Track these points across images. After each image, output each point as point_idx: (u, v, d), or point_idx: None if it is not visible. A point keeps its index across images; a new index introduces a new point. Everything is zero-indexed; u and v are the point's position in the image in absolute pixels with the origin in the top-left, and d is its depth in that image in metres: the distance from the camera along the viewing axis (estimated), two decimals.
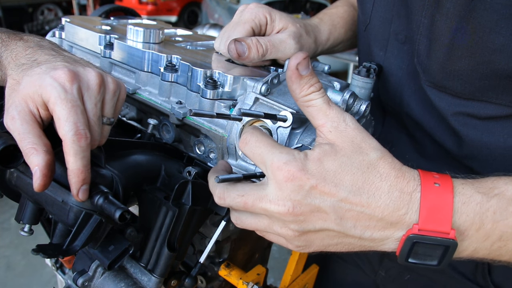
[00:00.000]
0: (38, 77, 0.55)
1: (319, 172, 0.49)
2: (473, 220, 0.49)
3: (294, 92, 0.54)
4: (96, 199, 0.56)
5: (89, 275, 0.67)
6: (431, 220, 0.49)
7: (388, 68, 0.79)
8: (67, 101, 0.53)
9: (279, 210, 0.50)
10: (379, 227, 0.50)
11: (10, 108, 0.55)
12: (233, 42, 0.70)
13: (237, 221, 0.57)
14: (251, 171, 0.64)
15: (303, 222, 0.51)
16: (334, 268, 1.15)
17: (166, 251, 0.65)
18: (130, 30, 0.80)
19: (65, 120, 0.53)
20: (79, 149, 0.53)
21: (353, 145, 0.51)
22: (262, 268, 0.89)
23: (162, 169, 0.70)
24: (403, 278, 0.99)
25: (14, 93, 0.56)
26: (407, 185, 0.50)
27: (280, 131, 0.60)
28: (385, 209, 0.49)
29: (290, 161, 0.49)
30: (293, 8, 6.52)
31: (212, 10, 7.14)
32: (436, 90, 0.69)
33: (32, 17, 7.63)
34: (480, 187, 0.51)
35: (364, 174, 0.50)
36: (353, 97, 0.63)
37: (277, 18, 0.79)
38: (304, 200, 0.49)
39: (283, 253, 2.79)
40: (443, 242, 0.49)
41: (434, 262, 0.51)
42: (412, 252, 0.50)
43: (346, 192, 0.49)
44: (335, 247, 0.54)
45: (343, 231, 0.51)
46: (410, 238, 0.49)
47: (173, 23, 7.63)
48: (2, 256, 2.71)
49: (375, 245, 0.53)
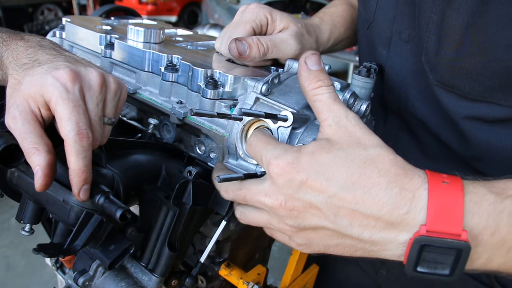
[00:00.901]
0: (39, 77, 0.55)
1: (311, 166, 0.48)
2: (487, 222, 0.45)
3: (303, 85, 0.55)
4: (97, 199, 0.57)
5: (89, 274, 0.67)
6: (440, 221, 0.45)
7: (391, 67, 0.78)
8: (69, 101, 0.53)
9: (273, 204, 0.50)
10: (378, 227, 0.47)
11: (11, 108, 0.55)
12: (234, 41, 0.71)
13: (241, 216, 0.58)
14: (252, 170, 0.64)
15: (297, 218, 0.50)
16: (335, 267, 1.15)
17: (166, 250, 0.65)
18: (131, 30, 0.80)
19: (67, 120, 0.53)
20: (80, 149, 0.53)
21: (350, 139, 0.50)
22: (262, 268, 0.89)
23: (162, 169, 0.70)
24: (406, 277, 0.98)
25: (16, 92, 0.56)
26: (409, 182, 0.47)
27: (280, 131, 0.61)
28: (382, 206, 0.46)
29: (281, 155, 0.49)
30: (293, 8, 6.52)
31: (212, 10, 7.13)
32: (443, 89, 0.68)
33: (32, 17, 7.62)
34: (493, 187, 0.47)
35: (359, 169, 0.47)
36: (353, 97, 0.63)
37: (278, 18, 0.79)
38: (296, 195, 0.49)
39: (283, 253, 2.79)
40: (454, 245, 0.44)
41: (446, 271, 0.46)
42: (421, 259, 0.46)
43: (338, 187, 0.47)
44: (336, 249, 0.52)
45: (339, 229, 0.49)
46: (418, 240, 0.45)
47: (173, 23, 7.62)
48: (2, 256, 2.71)
49: (378, 250, 0.49)
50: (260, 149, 0.53)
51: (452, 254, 0.45)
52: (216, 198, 0.69)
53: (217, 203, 0.70)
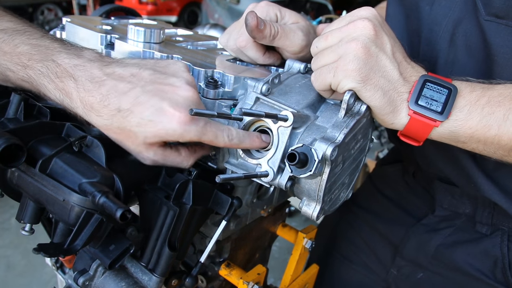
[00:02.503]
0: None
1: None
2: (466, 85, 0.62)
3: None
4: (97, 198, 0.57)
5: (89, 274, 0.67)
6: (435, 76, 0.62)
7: (433, 21, 0.78)
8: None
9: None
10: (406, 62, 0.64)
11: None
12: (253, 12, 0.70)
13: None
14: (252, 170, 0.64)
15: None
16: (338, 268, 1.15)
17: (166, 250, 0.65)
18: (131, 30, 0.80)
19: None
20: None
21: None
22: (262, 268, 0.89)
23: (163, 169, 0.70)
24: (416, 277, 0.98)
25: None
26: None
27: (281, 130, 0.61)
28: (405, 54, 0.65)
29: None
30: (293, 8, 6.46)
31: (212, 10, 7.13)
32: (495, 23, 0.68)
33: (32, 17, 7.62)
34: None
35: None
36: (353, 97, 0.63)
37: (287, 16, 0.80)
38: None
39: (283, 253, 2.79)
40: (447, 84, 0.61)
41: (438, 108, 0.60)
42: (422, 95, 0.61)
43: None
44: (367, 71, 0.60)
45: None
46: (423, 76, 0.62)
47: (173, 23, 7.62)
48: (2, 256, 2.71)
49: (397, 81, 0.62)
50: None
51: (444, 93, 0.61)
52: (216, 198, 0.69)
53: (217, 203, 0.70)
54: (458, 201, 0.90)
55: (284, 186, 0.62)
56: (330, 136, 0.60)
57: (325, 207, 0.65)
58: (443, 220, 0.94)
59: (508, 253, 0.83)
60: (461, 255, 0.89)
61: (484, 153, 0.64)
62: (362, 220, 1.13)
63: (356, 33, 0.60)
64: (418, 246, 0.97)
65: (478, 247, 0.87)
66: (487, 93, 0.61)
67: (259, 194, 0.86)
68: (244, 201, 0.79)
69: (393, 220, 1.05)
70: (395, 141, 0.99)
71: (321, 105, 0.69)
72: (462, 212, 0.90)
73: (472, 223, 0.89)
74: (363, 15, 0.62)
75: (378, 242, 1.08)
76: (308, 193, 0.63)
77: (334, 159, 0.58)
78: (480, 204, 0.86)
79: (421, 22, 0.80)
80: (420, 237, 0.97)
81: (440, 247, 0.92)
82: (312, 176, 0.59)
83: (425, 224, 0.97)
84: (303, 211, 0.64)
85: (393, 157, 1.16)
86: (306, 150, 0.57)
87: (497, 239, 0.85)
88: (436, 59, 0.77)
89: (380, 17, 0.63)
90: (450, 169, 0.85)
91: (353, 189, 0.77)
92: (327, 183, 0.61)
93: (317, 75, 0.64)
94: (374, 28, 0.60)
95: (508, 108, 0.59)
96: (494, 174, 0.78)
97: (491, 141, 0.61)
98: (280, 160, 0.61)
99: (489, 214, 0.86)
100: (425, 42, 0.79)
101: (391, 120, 0.64)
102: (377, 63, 0.60)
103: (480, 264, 0.86)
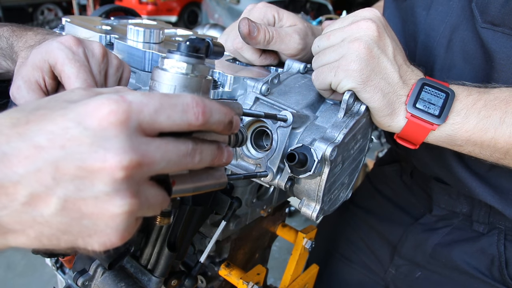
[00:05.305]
0: (44, 45, 0.56)
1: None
2: (463, 89, 0.63)
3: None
4: None
5: (89, 274, 0.67)
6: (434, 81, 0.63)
7: (429, 26, 0.78)
8: (75, 61, 0.54)
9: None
10: (406, 66, 0.64)
11: (16, 79, 0.56)
12: (246, 19, 0.70)
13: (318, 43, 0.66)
14: (251, 170, 0.64)
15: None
16: (338, 268, 1.15)
17: (166, 251, 0.65)
18: (131, 30, 0.80)
19: (76, 77, 0.53)
20: None
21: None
22: (262, 268, 0.89)
23: None
24: (414, 276, 0.99)
25: (22, 67, 0.57)
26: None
27: (280, 130, 0.61)
28: (405, 58, 0.65)
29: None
30: (293, 8, 6.51)
31: (212, 10, 7.13)
32: (492, 31, 0.68)
33: (32, 17, 7.63)
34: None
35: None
36: (353, 97, 0.63)
37: (285, 17, 0.80)
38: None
39: (283, 253, 2.79)
40: (445, 88, 0.62)
41: (436, 112, 0.61)
42: (420, 98, 0.61)
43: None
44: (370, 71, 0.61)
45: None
46: (421, 80, 0.63)
47: (173, 23, 7.63)
48: (2, 256, 2.71)
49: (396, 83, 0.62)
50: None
51: (441, 97, 0.61)
52: (215, 198, 0.69)
53: (217, 203, 0.70)
54: (455, 201, 0.90)
55: (284, 186, 0.62)
56: (330, 136, 0.60)
57: (325, 207, 0.65)
58: (440, 220, 0.95)
59: (505, 251, 0.84)
60: (459, 254, 0.89)
61: (481, 156, 0.64)
62: (360, 219, 1.13)
63: (359, 34, 0.60)
64: (416, 245, 0.97)
65: (475, 245, 0.87)
66: (483, 96, 0.62)
67: (258, 194, 0.86)
68: (243, 201, 0.79)
69: (391, 219, 1.06)
70: (392, 143, 0.99)
71: (320, 105, 0.69)
72: (459, 211, 0.91)
73: (469, 222, 0.90)
74: (367, 16, 0.62)
75: (376, 241, 1.08)
76: (308, 193, 0.63)
77: (333, 159, 0.58)
78: (477, 203, 0.87)
79: (417, 27, 0.80)
80: (418, 236, 0.97)
81: (437, 246, 0.93)
82: (311, 176, 0.59)
83: (423, 223, 0.97)
84: (303, 211, 0.64)
85: (391, 157, 1.16)
86: (305, 150, 0.57)
87: (494, 237, 0.85)
88: (432, 64, 0.78)
89: (383, 19, 0.63)
90: (443, 174, 0.86)
91: (353, 189, 0.77)
92: (327, 183, 0.61)
93: (318, 74, 0.64)
94: (377, 30, 0.60)
95: (504, 111, 0.60)
96: (487, 177, 0.79)
97: (487, 144, 0.61)
98: (280, 160, 0.61)
99: (485, 213, 0.86)
100: (422, 47, 0.79)
101: (388, 123, 0.64)
102: (378, 65, 0.60)
103: (477, 263, 0.87)
